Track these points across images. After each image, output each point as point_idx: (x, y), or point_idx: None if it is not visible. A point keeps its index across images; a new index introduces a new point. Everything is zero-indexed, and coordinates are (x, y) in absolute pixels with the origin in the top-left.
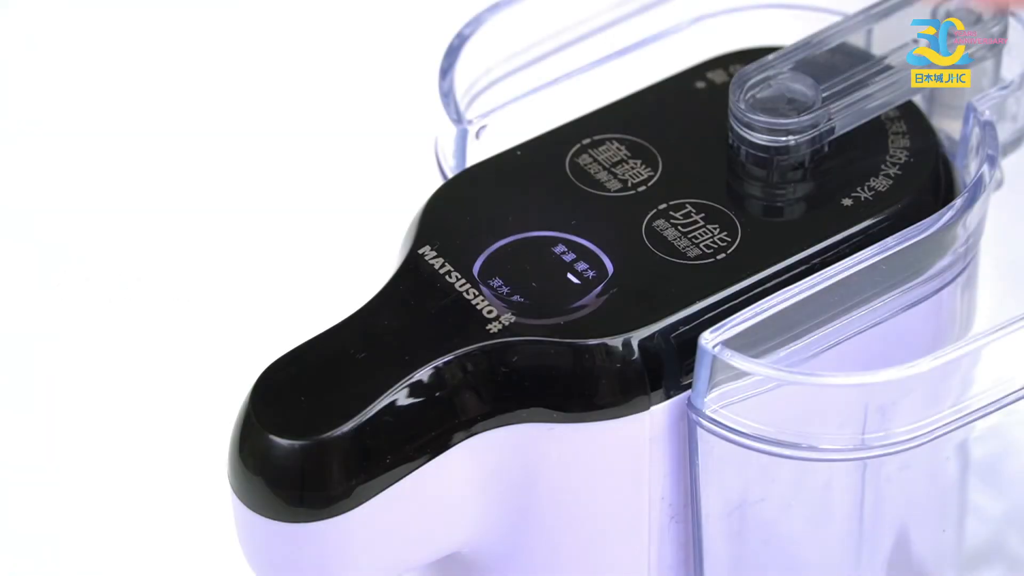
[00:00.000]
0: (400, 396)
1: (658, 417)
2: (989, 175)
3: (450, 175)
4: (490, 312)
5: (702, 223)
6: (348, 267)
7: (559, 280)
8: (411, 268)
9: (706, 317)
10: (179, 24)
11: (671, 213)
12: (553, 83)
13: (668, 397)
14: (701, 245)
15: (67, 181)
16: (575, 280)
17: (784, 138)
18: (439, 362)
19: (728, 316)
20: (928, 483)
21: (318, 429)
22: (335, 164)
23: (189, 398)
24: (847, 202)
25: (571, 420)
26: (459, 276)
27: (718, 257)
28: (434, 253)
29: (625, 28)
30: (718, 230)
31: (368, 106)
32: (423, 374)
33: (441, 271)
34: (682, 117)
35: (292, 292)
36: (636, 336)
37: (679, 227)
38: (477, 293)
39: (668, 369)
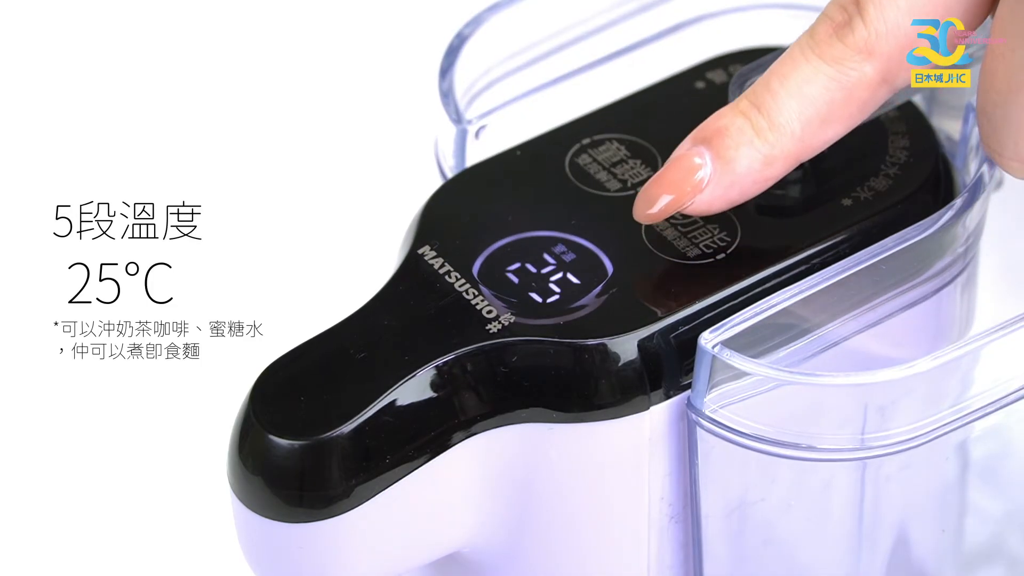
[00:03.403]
0: (400, 396)
1: (658, 417)
2: (989, 175)
3: (450, 175)
4: (490, 312)
5: (702, 223)
6: (348, 267)
7: (559, 280)
8: (411, 268)
9: (706, 317)
10: (179, 24)
11: None
12: (553, 83)
13: (668, 397)
14: (701, 245)
15: (67, 178)
16: (575, 280)
17: None
18: (439, 362)
19: (728, 316)
20: (928, 483)
21: (318, 429)
22: (335, 164)
23: (189, 398)
24: (847, 202)
25: (571, 420)
26: (459, 276)
27: (718, 257)
28: (434, 253)
29: (625, 28)
30: (718, 230)
31: (368, 106)
32: (423, 374)
33: (441, 271)
34: (682, 117)
35: (292, 292)
36: (635, 336)
37: (679, 227)
38: (477, 293)
39: (668, 369)
